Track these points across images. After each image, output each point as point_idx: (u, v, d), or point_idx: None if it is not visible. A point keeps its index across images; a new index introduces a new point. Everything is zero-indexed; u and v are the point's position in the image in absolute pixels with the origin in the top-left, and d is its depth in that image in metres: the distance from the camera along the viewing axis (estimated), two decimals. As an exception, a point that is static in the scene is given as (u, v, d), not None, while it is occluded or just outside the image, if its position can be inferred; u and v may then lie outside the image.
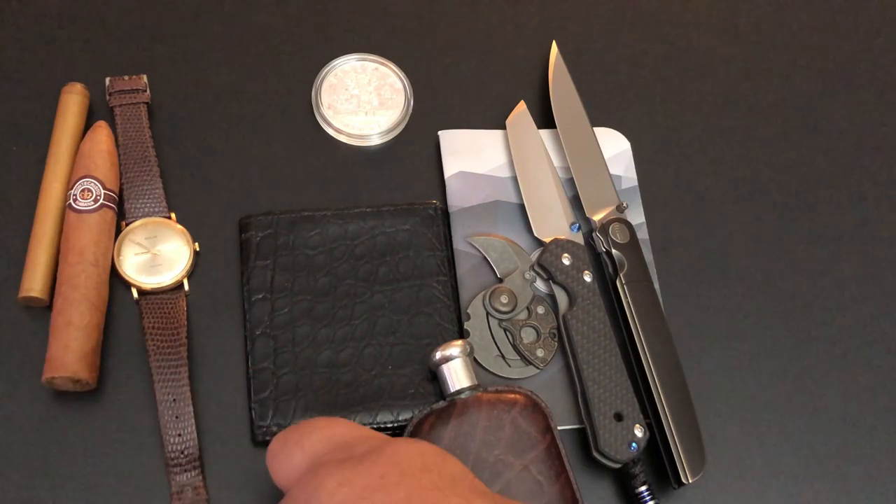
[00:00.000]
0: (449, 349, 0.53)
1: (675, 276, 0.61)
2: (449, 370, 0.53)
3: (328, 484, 0.39)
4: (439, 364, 0.54)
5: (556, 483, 0.50)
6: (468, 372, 0.53)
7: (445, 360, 0.53)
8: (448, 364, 0.53)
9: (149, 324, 0.55)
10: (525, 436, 0.51)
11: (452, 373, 0.53)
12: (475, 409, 0.52)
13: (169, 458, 0.53)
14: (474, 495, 0.39)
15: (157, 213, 0.59)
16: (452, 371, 0.53)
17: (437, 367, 0.54)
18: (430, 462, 0.41)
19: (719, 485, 0.56)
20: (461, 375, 0.53)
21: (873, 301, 0.62)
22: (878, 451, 0.58)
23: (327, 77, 0.65)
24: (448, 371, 0.53)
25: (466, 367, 0.54)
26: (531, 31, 0.69)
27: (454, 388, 0.53)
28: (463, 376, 0.53)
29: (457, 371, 0.53)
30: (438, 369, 0.54)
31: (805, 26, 0.71)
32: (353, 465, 0.40)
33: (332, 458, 0.41)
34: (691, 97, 0.68)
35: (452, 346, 0.54)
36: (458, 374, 0.53)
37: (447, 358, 0.53)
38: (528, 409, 0.52)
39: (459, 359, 0.53)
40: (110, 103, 0.62)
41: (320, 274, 0.58)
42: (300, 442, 0.43)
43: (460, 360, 0.53)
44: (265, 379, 0.55)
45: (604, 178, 0.62)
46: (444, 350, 0.53)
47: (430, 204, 0.61)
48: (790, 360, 0.60)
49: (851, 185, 0.65)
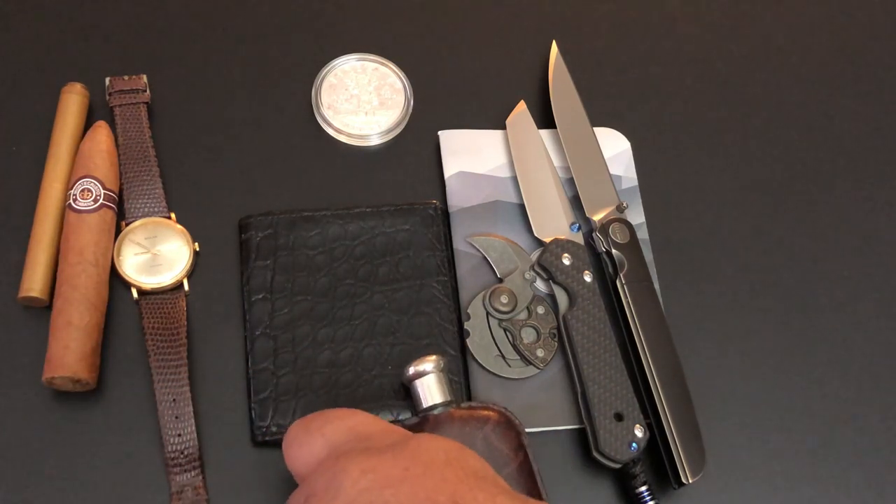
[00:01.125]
0: (422, 364, 0.53)
1: (675, 276, 0.61)
2: (422, 386, 0.53)
3: (351, 471, 0.39)
4: (412, 379, 0.53)
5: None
6: (441, 387, 0.53)
7: (419, 375, 0.53)
8: (421, 379, 0.53)
9: (149, 324, 0.55)
10: (497, 453, 0.50)
11: (425, 388, 0.52)
12: (447, 426, 0.51)
13: (169, 458, 0.53)
14: (497, 490, 0.39)
15: (157, 213, 0.59)
16: (426, 387, 0.52)
17: (410, 382, 0.53)
18: (452, 457, 0.40)
19: (719, 485, 0.56)
20: (434, 391, 0.52)
21: (874, 301, 0.62)
22: (878, 451, 0.58)
23: (327, 77, 0.65)
24: (421, 387, 0.53)
25: (440, 383, 0.53)
26: (531, 31, 0.69)
27: (427, 404, 0.52)
28: (436, 392, 0.52)
29: (430, 387, 0.52)
30: (412, 385, 0.53)
31: (806, 26, 0.71)
32: (378, 454, 0.40)
33: (354, 447, 0.41)
34: (691, 97, 0.68)
35: (426, 362, 0.53)
36: (431, 390, 0.52)
37: (420, 373, 0.53)
38: (501, 426, 0.51)
39: (433, 374, 0.53)
40: (110, 103, 0.62)
41: (320, 274, 0.58)
42: (322, 429, 0.43)
43: (433, 375, 0.53)
44: (265, 379, 0.55)
45: (604, 178, 0.62)
46: (418, 365, 0.53)
47: (430, 204, 0.61)
48: (790, 359, 0.60)
49: (852, 185, 0.65)
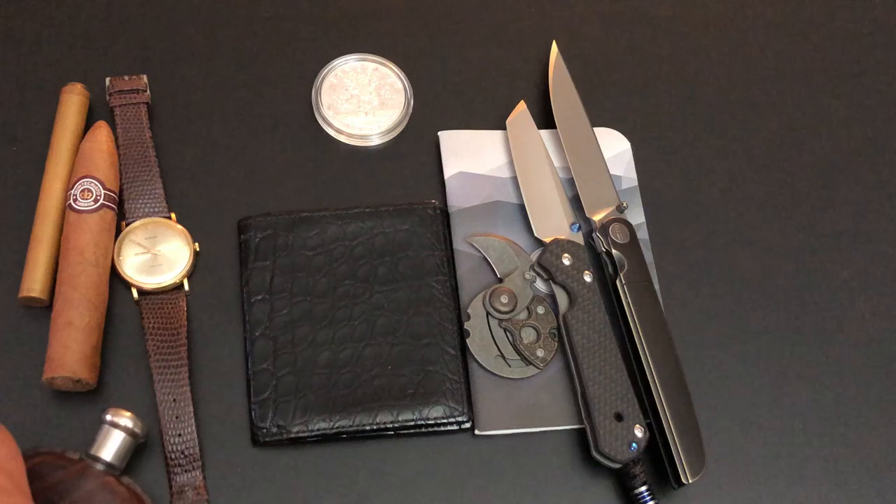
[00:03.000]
0: (123, 419, 0.51)
1: (675, 276, 0.61)
2: (107, 434, 0.51)
3: None
4: (107, 423, 0.51)
5: None
6: (122, 453, 0.51)
7: (114, 424, 0.51)
8: (112, 429, 0.51)
9: (149, 324, 0.55)
10: None
11: (110, 440, 0.51)
12: (88, 482, 0.49)
13: (169, 458, 0.53)
14: None
15: (157, 213, 0.59)
16: (108, 438, 0.51)
17: (103, 420, 0.51)
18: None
19: (719, 485, 0.56)
20: (110, 448, 0.51)
21: (873, 301, 0.62)
22: (877, 451, 0.58)
23: (327, 77, 0.65)
24: (105, 434, 0.51)
25: (125, 448, 0.51)
26: (531, 31, 0.69)
27: (96, 453, 0.51)
28: (112, 450, 0.51)
29: (114, 443, 0.51)
30: (103, 426, 0.51)
31: (806, 26, 0.71)
32: None
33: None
34: (691, 97, 0.68)
35: (129, 419, 0.51)
36: (111, 445, 0.51)
37: (115, 424, 0.51)
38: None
39: (123, 434, 0.51)
40: (110, 103, 0.62)
41: (319, 275, 0.58)
42: None
43: (124, 436, 0.51)
44: (265, 380, 0.55)
45: (604, 178, 0.62)
46: (118, 417, 0.51)
47: (429, 204, 0.61)
48: (790, 360, 0.60)
49: (852, 185, 0.65)
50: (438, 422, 0.55)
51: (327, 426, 0.54)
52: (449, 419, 0.55)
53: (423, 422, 0.55)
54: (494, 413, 0.56)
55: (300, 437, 0.54)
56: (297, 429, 0.54)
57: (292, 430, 0.54)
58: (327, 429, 0.54)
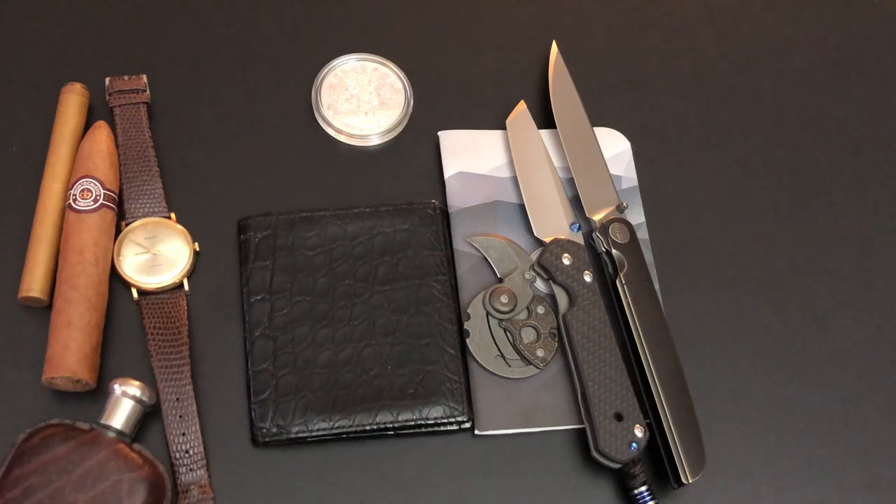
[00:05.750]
0: (132, 388, 0.52)
1: (675, 276, 0.61)
2: (116, 403, 0.52)
3: None
4: (116, 392, 0.52)
5: None
6: (132, 420, 0.52)
7: (124, 394, 0.52)
8: (124, 398, 0.52)
9: (149, 324, 0.55)
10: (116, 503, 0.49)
11: (119, 409, 0.52)
12: (100, 450, 0.50)
13: (174, 457, 0.53)
14: None
15: (157, 213, 0.59)
16: (120, 407, 0.52)
17: (112, 390, 0.52)
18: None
19: (719, 485, 0.56)
20: (122, 417, 0.52)
21: (874, 301, 0.62)
22: (877, 451, 0.58)
23: (327, 77, 0.65)
24: (114, 403, 0.52)
25: (135, 414, 0.52)
26: (531, 31, 0.69)
27: (105, 420, 0.51)
28: (123, 418, 0.52)
29: (124, 411, 0.52)
30: (113, 394, 0.52)
31: (807, 27, 0.71)
32: None
33: None
34: (691, 97, 0.68)
35: (137, 388, 0.52)
36: (121, 413, 0.52)
37: (125, 394, 0.52)
38: (143, 483, 0.50)
39: (132, 402, 0.52)
40: (110, 103, 0.62)
41: (319, 274, 0.58)
42: None
43: (133, 403, 0.52)
44: (265, 380, 0.55)
45: (604, 178, 0.62)
46: (128, 386, 0.52)
47: (429, 203, 0.61)
48: (790, 360, 0.60)
49: (852, 185, 0.65)
50: (438, 422, 0.55)
51: (327, 426, 0.54)
52: (449, 419, 0.55)
53: (423, 422, 0.55)
54: (494, 413, 0.56)
55: (300, 437, 0.54)
56: (297, 429, 0.54)
57: (292, 430, 0.54)
58: (327, 429, 0.54)
